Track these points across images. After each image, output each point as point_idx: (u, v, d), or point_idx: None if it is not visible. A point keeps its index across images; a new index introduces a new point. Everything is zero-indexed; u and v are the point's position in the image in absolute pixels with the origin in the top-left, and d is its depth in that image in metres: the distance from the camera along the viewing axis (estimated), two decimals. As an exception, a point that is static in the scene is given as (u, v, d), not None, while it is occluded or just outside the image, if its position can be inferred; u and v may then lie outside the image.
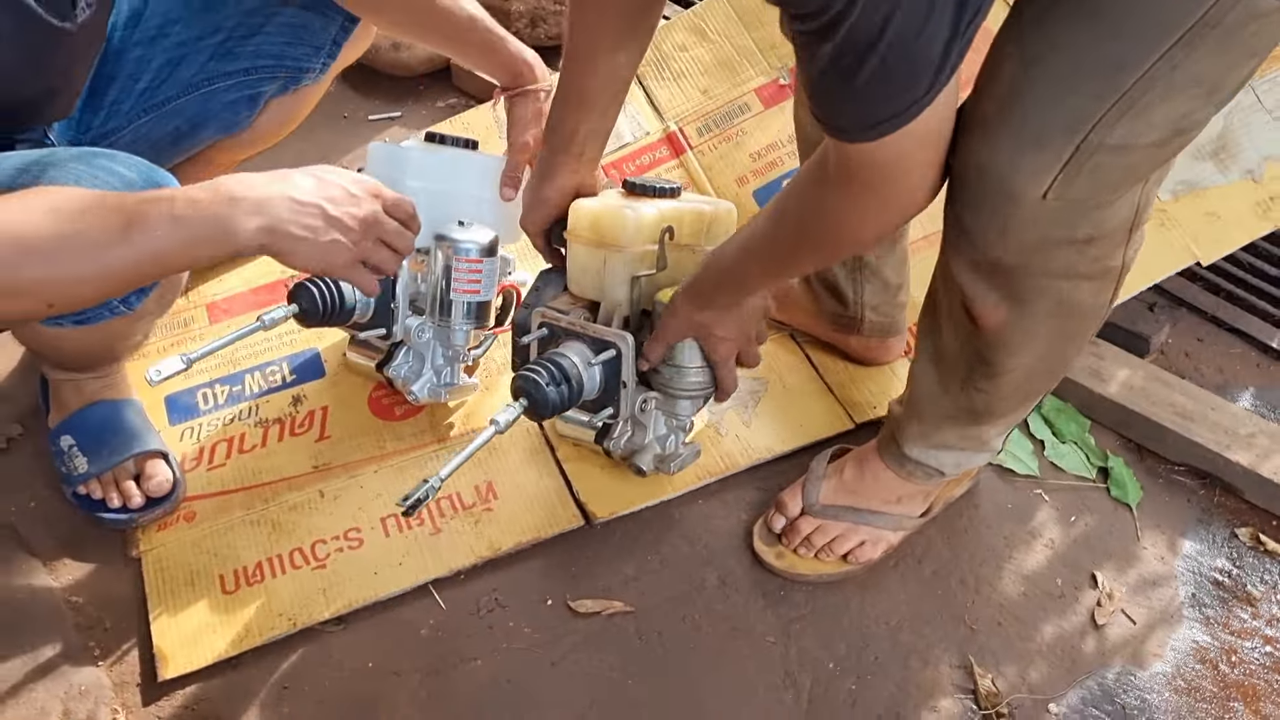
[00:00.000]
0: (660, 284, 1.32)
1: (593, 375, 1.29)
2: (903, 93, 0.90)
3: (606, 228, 1.31)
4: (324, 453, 1.55)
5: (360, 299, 1.38)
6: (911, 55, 0.87)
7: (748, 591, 1.39)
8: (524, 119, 1.46)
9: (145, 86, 1.39)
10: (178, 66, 1.39)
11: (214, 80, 1.41)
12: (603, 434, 1.39)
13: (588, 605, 1.38)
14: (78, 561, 1.45)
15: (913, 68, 0.89)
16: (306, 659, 1.35)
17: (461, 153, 1.48)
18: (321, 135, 2.06)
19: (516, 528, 1.44)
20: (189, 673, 1.32)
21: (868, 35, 0.85)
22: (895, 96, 0.91)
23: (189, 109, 1.42)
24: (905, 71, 0.89)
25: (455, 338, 1.44)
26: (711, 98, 1.91)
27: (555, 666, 1.33)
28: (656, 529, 1.46)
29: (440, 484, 1.11)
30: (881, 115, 0.92)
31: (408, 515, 1.08)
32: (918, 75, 0.89)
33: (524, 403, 1.22)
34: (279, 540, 1.45)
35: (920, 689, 1.30)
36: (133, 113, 1.39)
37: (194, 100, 1.41)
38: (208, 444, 1.57)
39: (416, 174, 1.43)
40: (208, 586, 1.40)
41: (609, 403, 1.32)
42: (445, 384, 1.49)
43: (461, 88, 2.16)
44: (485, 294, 1.42)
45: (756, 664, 1.32)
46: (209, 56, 1.40)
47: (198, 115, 1.42)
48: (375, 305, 1.42)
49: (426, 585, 1.40)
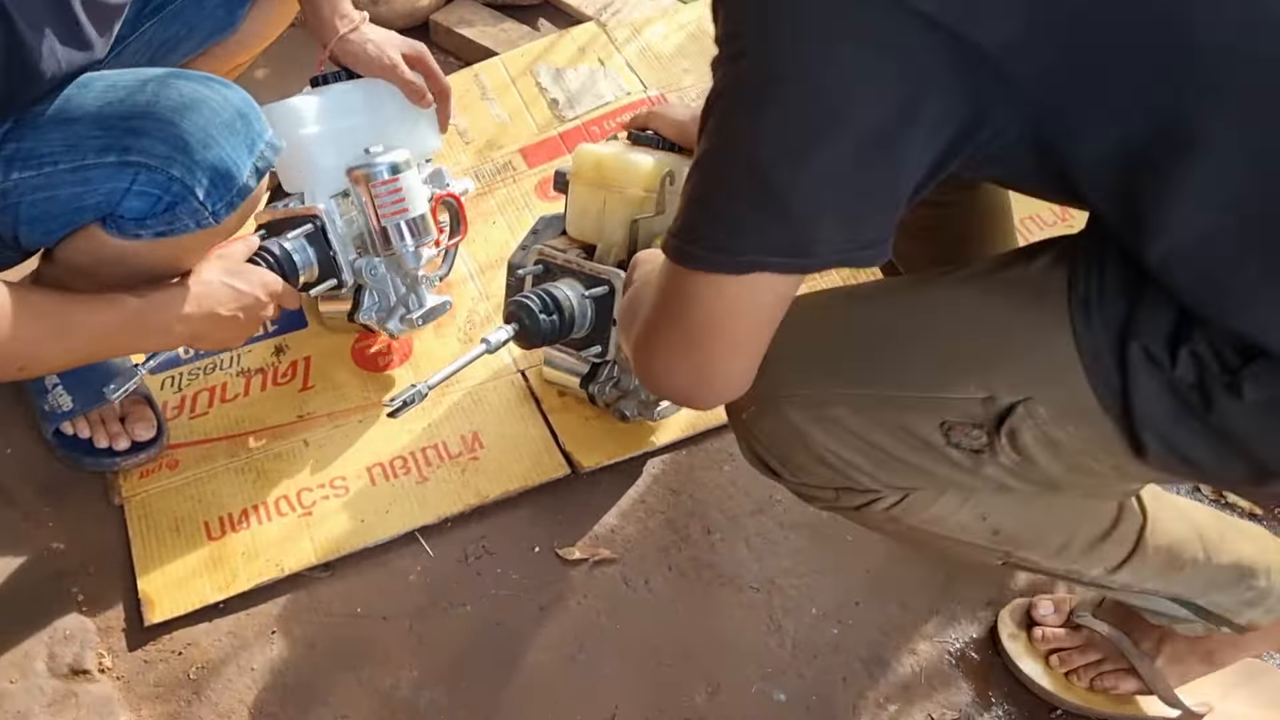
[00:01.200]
0: (656, 229, 1.34)
1: (585, 309, 1.31)
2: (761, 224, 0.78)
3: (609, 170, 1.34)
4: (308, 402, 1.55)
5: (301, 260, 1.37)
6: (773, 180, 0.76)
7: (733, 542, 1.41)
8: (364, 55, 1.45)
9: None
10: None
11: None
12: (589, 378, 1.40)
13: (575, 553, 1.40)
14: (58, 509, 1.44)
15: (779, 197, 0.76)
16: (295, 604, 1.35)
17: (342, 85, 1.46)
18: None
19: (503, 476, 1.45)
20: (176, 617, 1.33)
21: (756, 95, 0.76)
22: (755, 222, 0.78)
23: (186, 11, 1.41)
24: (767, 195, 0.77)
25: (406, 262, 1.43)
26: (692, 74, 1.93)
27: (544, 611, 1.34)
28: (643, 479, 1.47)
29: (428, 390, 1.20)
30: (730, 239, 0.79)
31: (393, 416, 1.18)
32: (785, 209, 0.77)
33: (515, 327, 1.26)
34: (264, 488, 1.45)
35: (900, 632, 1.33)
36: (136, 20, 1.37)
37: (188, 2, 1.41)
38: (189, 393, 1.56)
39: (308, 120, 1.41)
40: (193, 533, 1.40)
41: (599, 341, 1.33)
42: (415, 311, 1.49)
43: (439, 44, 2.15)
44: (415, 209, 1.40)
45: (742, 610, 1.35)
46: None
47: (193, 17, 1.42)
48: (317, 260, 1.40)
49: (414, 533, 1.41)
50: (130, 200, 1.16)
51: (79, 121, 1.17)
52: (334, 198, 1.41)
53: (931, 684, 1.29)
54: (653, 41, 2.00)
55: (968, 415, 0.90)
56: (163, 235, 1.19)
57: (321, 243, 1.39)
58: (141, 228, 1.18)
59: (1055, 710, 1.27)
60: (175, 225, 1.18)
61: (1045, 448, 0.90)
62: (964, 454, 0.92)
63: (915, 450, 0.93)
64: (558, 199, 1.49)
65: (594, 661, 1.30)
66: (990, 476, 0.94)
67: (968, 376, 0.90)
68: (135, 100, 1.17)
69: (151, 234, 1.18)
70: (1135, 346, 0.83)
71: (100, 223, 1.19)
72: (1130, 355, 0.84)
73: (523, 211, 1.78)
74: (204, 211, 1.18)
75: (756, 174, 0.76)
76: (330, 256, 1.41)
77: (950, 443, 0.91)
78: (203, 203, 1.17)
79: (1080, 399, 0.86)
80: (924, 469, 0.95)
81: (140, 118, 1.15)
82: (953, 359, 0.91)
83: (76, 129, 1.16)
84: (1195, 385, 0.83)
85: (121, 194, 1.16)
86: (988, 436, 0.90)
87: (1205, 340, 0.82)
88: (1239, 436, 0.84)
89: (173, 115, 1.16)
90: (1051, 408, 0.88)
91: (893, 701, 1.28)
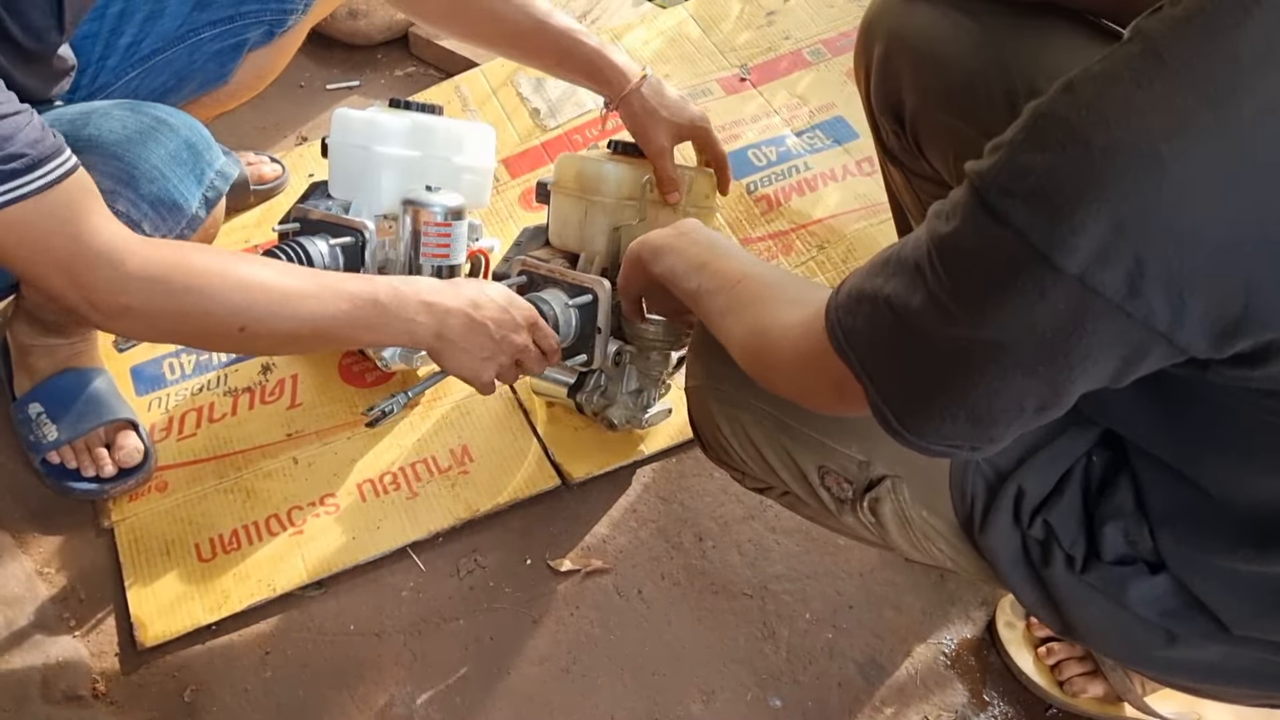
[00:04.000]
0: (638, 235, 1.34)
1: (569, 318, 1.31)
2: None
3: (589, 179, 1.35)
4: (296, 420, 1.54)
5: (329, 266, 1.36)
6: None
7: (725, 549, 1.41)
8: (637, 129, 1.38)
9: (129, 41, 1.37)
10: (159, 19, 1.37)
11: (199, 30, 1.39)
12: (577, 387, 1.40)
13: (567, 564, 1.40)
14: (47, 534, 1.44)
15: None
16: (288, 624, 1.35)
17: (428, 118, 1.48)
18: (277, 104, 2.03)
19: (493, 489, 1.45)
20: (169, 640, 1.32)
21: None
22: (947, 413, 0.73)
23: (176, 62, 1.40)
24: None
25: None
26: (674, 82, 1.93)
27: (537, 623, 1.34)
28: (633, 489, 1.47)
29: (407, 400, 1.21)
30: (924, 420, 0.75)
31: (372, 426, 1.20)
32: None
33: None
34: (254, 508, 1.44)
35: (895, 635, 1.34)
36: (120, 68, 1.37)
37: (180, 53, 1.39)
38: (176, 414, 1.55)
39: (384, 140, 1.43)
40: (183, 555, 1.40)
41: (583, 350, 1.34)
42: (415, 350, 1.49)
43: (420, 56, 2.15)
44: (454, 258, 1.42)
45: (736, 618, 1.35)
46: (191, 7, 1.38)
47: (184, 69, 1.40)
48: (343, 269, 1.40)
49: (405, 548, 1.41)
50: None
51: None
52: (376, 217, 1.42)
53: (927, 686, 1.30)
54: (633, 47, 2.00)
55: (844, 469, 0.98)
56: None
57: (356, 256, 1.40)
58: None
59: (1050, 709, 1.27)
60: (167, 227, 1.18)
61: (899, 522, 0.98)
62: (830, 498, 1.00)
63: (793, 476, 1.02)
64: (542, 209, 1.49)
65: (588, 672, 1.30)
66: (846, 523, 1.03)
67: (855, 438, 0.97)
68: (78, 134, 1.17)
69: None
70: (1011, 488, 0.91)
71: None
72: (1003, 491, 0.91)
73: (507, 222, 1.78)
74: (191, 205, 1.19)
75: (969, 395, 0.71)
76: (359, 271, 1.41)
77: (823, 484, 1.00)
78: (150, 236, 1.17)
79: (941, 498, 0.94)
80: (795, 492, 1.04)
81: (83, 152, 1.12)
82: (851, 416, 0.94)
83: None
84: (1040, 542, 0.91)
85: None
86: (854, 494, 0.98)
87: (1073, 517, 0.90)
88: (1060, 597, 0.92)
89: (116, 149, 1.16)
90: (915, 491, 0.96)
91: (889, 704, 1.28)
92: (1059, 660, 1.27)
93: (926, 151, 1.17)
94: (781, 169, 1.81)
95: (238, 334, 1.07)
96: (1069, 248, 0.60)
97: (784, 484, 1.04)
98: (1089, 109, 0.60)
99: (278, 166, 1.86)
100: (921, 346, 0.71)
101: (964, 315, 0.67)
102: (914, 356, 0.72)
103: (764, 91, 1.91)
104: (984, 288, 0.65)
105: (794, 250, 1.71)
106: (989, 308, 0.65)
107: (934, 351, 0.70)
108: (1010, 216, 0.62)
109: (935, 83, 1.00)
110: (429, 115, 1.48)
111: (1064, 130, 0.61)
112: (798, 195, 1.78)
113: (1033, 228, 0.61)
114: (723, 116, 1.87)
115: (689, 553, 1.41)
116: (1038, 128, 0.62)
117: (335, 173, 1.46)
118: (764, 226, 1.74)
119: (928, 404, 0.73)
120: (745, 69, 1.94)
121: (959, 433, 0.73)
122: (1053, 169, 0.61)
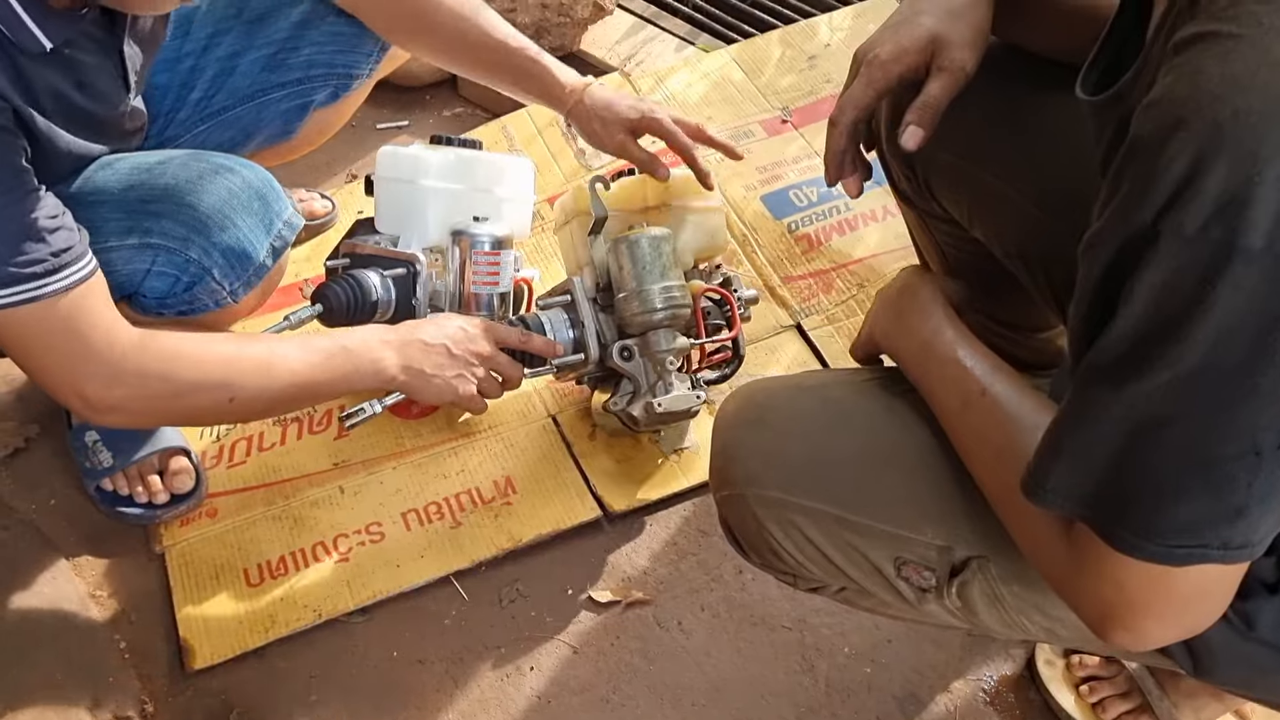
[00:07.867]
0: (612, 230, 1.43)
1: (387, 286, 1.40)
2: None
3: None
4: (343, 450, 1.57)
5: (382, 297, 1.40)
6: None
7: (764, 582, 1.42)
8: (593, 136, 1.46)
9: (200, 97, 1.42)
10: (230, 76, 1.42)
11: (268, 91, 1.44)
12: (609, 389, 1.46)
13: (607, 595, 1.41)
14: (100, 558, 1.47)
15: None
16: (332, 649, 1.37)
17: (470, 153, 1.51)
18: (329, 143, 2.06)
19: (535, 520, 1.47)
20: (217, 664, 1.35)
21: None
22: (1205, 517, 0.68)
23: (244, 118, 1.44)
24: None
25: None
26: (717, 123, 1.96)
27: (578, 653, 1.36)
28: (673, 521, 1.49)
29: (382, 409, 1.32)
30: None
31: (347, 427, 1.32)
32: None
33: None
34: (301, 535, 1.47)
35: (934, 670, 1.34)
36: (189, 122, 1.42)
37: (249, 110, 1.44)
38: (227, 442, 1.59)
39: (428, 175, 1.47)
40: (232, 580, 1.43)
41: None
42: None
43: (467, 97, 2.20)
44: (503, 285, 1.47)
45: (775, 650, 1.36)
46: (262, 68, 1.43)
47: (251, 125, 1.45)
48: (397, 304, 1.44)
49: (448, 577, 1.43)
50: (151, 281, 1.21)
51: (103, 204, 1.20)
52: (423, 250, 1.46)
53: (966, 722, 1.30)
54: (676, 90, 2.03)
55: (923, 558, 0.93)
56: (184, 314, 1.23)
57: (408, 287, 1.43)
58: (164, 307, 1.22)
59: (1090, 747, 1.26)
60: (195, 305, 1.23)
61: (989, 602, 0.93)
62: (911, 588, 0.95)
63: (865, 573, 0.96)
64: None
65: (628, 702, 1.31)
66: (928, 612, 0.97)
67: (930, 522, 0.92)
68: (155, 183, 1.21)
69: (173, 313, 1.23)
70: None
71: (127, 301, 1.23)
72: None
73: (551, 260, 1.81)
74: (222, 291, 1.23)
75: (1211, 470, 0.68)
76: (411, 306, 1.44)
77: (900, 575, 0.95)
78: (219, 282, 1.22)
79: (1033, 569, 0.86)
80: (868, 589, 0.98)
81: (159, 200, 1.19)
82: (919, 500, 0.93)
83: (101, 211, 1.19)
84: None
85: (142, 275, 1.20)
86: (938, 581, 0.93)
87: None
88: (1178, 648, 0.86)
89: (190, 198, 1.20)
90: (1004, 568, 0.90)
91: (927, 740, 1.28)
92: (1102, 698, 1.26)
93: (937, 193, 1.18)
94: (822, 209, 1.83)
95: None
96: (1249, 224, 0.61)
97: (853, 582, 0.98)
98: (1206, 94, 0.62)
99: (328, 203, 1.91)
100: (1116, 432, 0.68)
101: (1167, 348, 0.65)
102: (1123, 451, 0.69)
103: (805, 133, 1.94)
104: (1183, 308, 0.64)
105: (834, 289, 1.73)
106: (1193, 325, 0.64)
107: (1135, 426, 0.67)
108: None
109: (943, 127, 1.01)
110: (469, 150, 1.52)
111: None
112: (838, 235, 1.80)
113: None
114: (764, 158, 1.91)
115: (729, 585, 1.42)
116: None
117: (381, 208, 1.50)
118: (805, 265, 1.76)
119: (1157, 495, 0.68)
120: (787, 111, 1.97)
121: (1200, 515, 0.67)
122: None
